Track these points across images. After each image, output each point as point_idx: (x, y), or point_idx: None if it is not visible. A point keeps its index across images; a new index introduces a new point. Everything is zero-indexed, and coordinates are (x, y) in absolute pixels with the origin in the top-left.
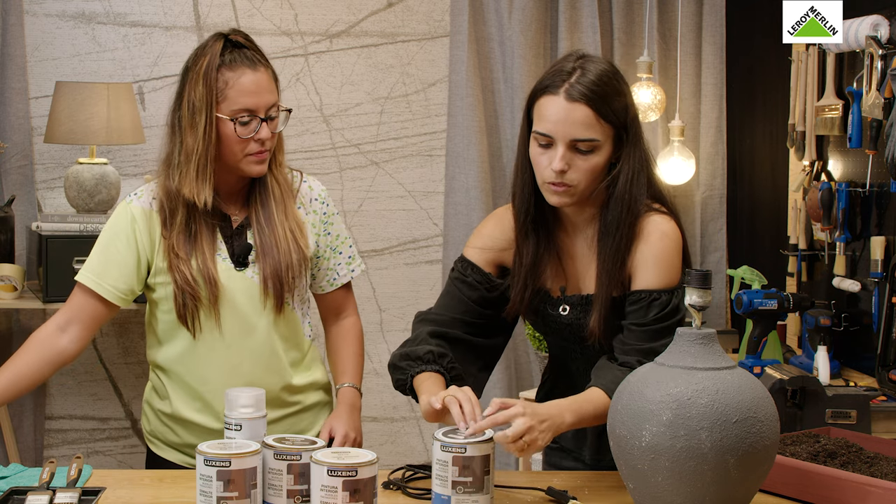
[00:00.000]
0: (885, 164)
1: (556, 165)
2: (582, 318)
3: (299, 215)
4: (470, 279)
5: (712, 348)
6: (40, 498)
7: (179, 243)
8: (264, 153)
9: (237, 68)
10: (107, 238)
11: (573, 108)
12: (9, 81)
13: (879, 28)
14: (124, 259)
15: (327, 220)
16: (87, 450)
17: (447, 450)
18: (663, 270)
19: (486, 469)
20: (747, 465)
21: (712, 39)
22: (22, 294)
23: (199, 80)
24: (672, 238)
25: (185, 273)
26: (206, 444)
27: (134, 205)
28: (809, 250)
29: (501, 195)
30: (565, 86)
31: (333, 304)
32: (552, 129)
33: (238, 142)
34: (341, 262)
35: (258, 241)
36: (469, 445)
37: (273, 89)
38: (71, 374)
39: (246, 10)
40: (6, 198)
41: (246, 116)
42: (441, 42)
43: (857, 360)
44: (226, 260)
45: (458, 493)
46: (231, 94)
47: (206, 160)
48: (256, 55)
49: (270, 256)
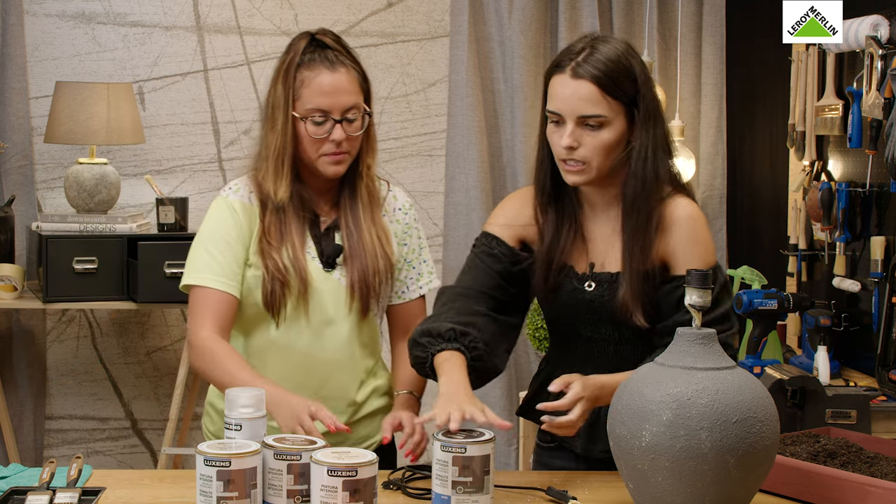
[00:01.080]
0: (885, 164)
1: (565, 141)
2: (607, 295)
3: (384, 222)
4: (496, 251)
5: (712, 348)
6: (40, 498)
7: (272, 232)
8: (340, 154)
9: (315, 68)
10: (211, 235)
11: (579, 86)
12: (9, 81)
13: (879, 28)
14: (234, 253)
15: (408, 230)
16: (87, 450)
17: (447, 450)
18: (703, 251)
19: (486, 469)
20: (747, 465)
21: (712, 39)
22: (22, 294)
23: (279, 78)
24: (701, 219)
25: (277, 260)
26: (205, 444)
27: (231, 198)
28: (809, 250)
29: (501, 195)
30: (572, 64)
31: (402, 318)
32: (560, 107)
33: (312, 141)
34: (413, 276)
35: (346, 244)
36: (469, 445)
37: (353, 91)
38: (71, 374)
39: (246, 10)
40: (6, 198)
41: (319, 116)
42: (441, 42)
43: (857, 360)
44: (314, 259)
45: (458, 493)
46: (305, 94)
47: (283, 157)
48: (340, 56)
49: (359, 260)
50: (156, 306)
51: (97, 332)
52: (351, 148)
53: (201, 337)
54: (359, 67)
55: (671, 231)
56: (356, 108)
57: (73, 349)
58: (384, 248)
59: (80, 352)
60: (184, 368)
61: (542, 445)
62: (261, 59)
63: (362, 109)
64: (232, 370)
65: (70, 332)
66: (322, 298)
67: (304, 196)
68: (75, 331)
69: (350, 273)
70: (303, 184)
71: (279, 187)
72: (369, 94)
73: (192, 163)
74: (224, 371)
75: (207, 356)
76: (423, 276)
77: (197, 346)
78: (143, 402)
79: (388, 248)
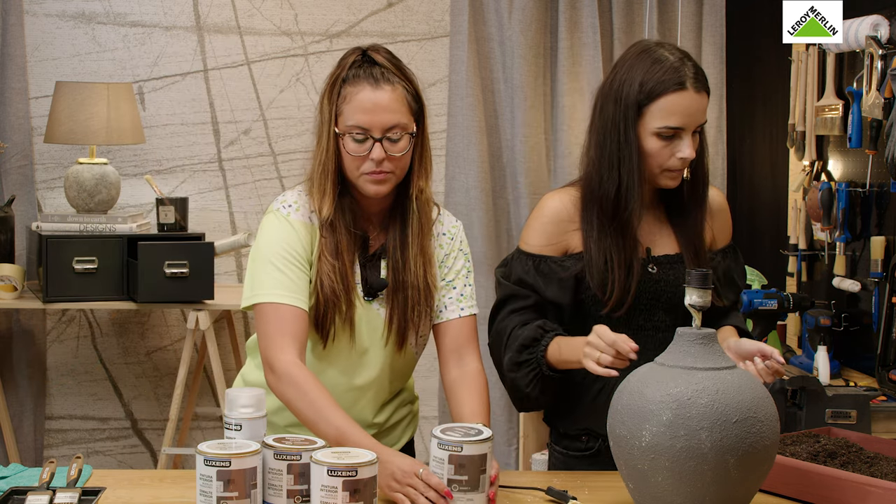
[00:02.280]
0: (885, 164)
1: (690, 153)
2: (672, 275)
3: (433, 251)
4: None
5: (712, 348)
6: (40, 498)
7: (329, 250)
8: (381, 174)
9: (358, 84)
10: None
11: (701, 99)
12: (9, 81)
13: (879, 28)
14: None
15: (451, 253)
16: (87, 450)
17: (444, 447)
18: (730, 234)
19: (482, 468)
20: (747, 465)
21: (712, 39)
22: (22, 294)
23: (326, 92)
24: (725, 200)
25: (331, 279)
26: (205, 444)
27: (293, 217)
28: (809, 250)
29: (501, 195)
30: (691, 80)
31: (447, 339)
32: (685, 122)
33: (352, 159)
34: (453, 296)
35: (391, 277)
36: (465, 444)
37: (397, 109)
38: (71, 374)
39: (246, 10)
40: (6, 198)
41: (359, 134)
42: (441, 42)
43: (857, 360)
44: (358, 285)
45: (453, 491)
46: (346, 110)
47: (326, 173)
48: (388, 73)
49: (401, 294)
50: (156, 306)
51: (97, 332)
52: (395, 168)
53: (284, 362)
54: (409, 86)
55: (716, 216)
56: (399, 128)
57: (73, 349)
58: (427, 281)
59: (80, 352)
60: (184, 368)
61: (575, 455)
62: (261, 59)
63: (408, 130)
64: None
65: (70, 332)
66: (360, 327)
67: (356, 213)
68: (75, 331)
69: (389, 306)
70: (355, 201)
71: (324, 204)
72: (422, 114)
73: (192, 163)
74: (322, 415)
75: (293, 388)
76: (465, 299)
77: (282, 372)
78: (143, 402)
79: (431, 280)
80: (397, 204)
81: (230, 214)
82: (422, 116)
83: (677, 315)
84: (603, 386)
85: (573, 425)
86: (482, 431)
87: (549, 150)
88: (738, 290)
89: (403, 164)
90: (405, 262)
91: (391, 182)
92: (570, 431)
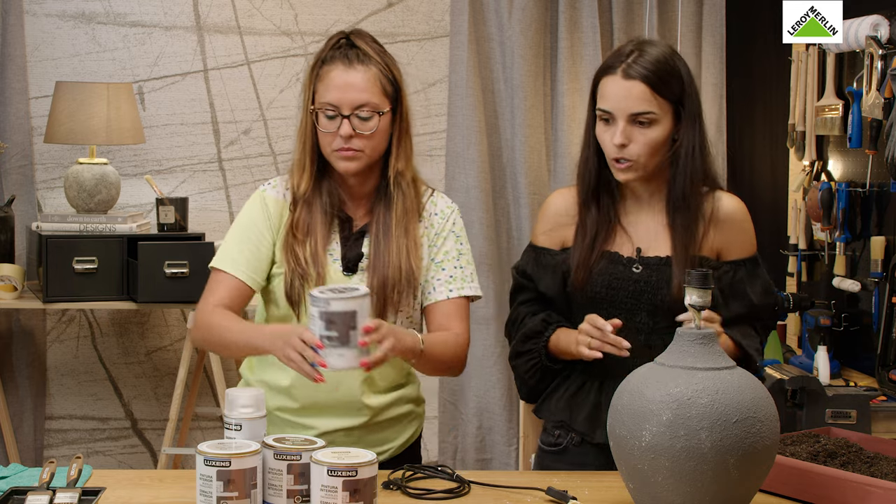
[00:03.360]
0: (885, 164)
1: (617, 139)
2: (654, 277)
3: (418, 233)
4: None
5: (712, 348)
6: (40, 498)
7: (298, 226)
8: (350, 151)
9: (334, 64)
10: (242, 227)
11: (631, 85)
12: (9, 81)
13: (879, 28)
14: (257, 245)
15: (442, 233)
16: (87, 450)
17: (315, 304)
18: (749, 241)
19: (351, 324)
20: (747, 465)
21: (712, 39)
22: (22, 294)
23: (308, 72)
24: (747, 211)
25: (299, 255)
26: (205, 444)
27: (268, 193)
28: (809, 250)
29: (501, 195)
30: (623, 65)
31: (435, 319)
32: (612, 106)
33: (324, 135)
34: (442, 278)
35: (372, 251)
36: (333, 300)
37: (367, 89)
38: (71, 374)
39: (246, 10)
40: (6, 198)
41: (329, 110)
42: (441, 42)
43: (857, 360)
44: (336, 261)
45: (325, 345)
46: (320, 88)
47: (304, 150)
48: (364, 55)
49: (379, 270)
50: (156, 306)
51: (97, 332)
52: (365, 147)
53: (204, 311)
54: (386, 70)
55: (723, 224)
56: (369, 107)
57: (73, 349)
58: (410, 261)
59: (80, 352)
60: (184, 368)
61: (545, 449)
62: (261, 59)
63: (379, 110)
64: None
65: (70, 332)
66: None
67: (334, 193)
68: (75, 331)
69: (370, 281)
70: (335, 183)
71: (302, 180)
72: (398, 97)
73: (192, 163)
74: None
75: (205, 325)
76: (455, 280)
77: (198, 318)
78: (143, 402)
79: (414, 261)
80: (382, 186)
81: (230, 214)
82: (399, 100)
83: (659, 319)
84: (583, 383)
85: (550, 417)
86: (358, 289)
87: (549, 150)
88: (749, 305)
89: (374, 144)
90: (387, 239)
91: (361, 160)
92: (548, 422)
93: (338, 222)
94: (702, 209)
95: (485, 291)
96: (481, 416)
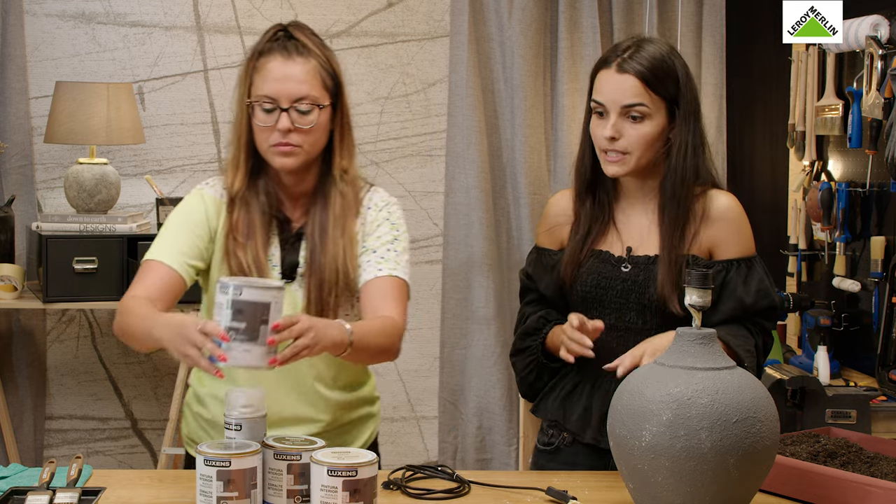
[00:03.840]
0: (885, 164)
1: (607, 132)
2: (642, 276)
3: (355, 232)
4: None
5: (712, 348)
6: (40, 498)
7: (238, 228)
8: (288, 146)
9: (271, 55)
10: (177, 219)
11: (624, 79)
12: (9, 81)
13: (879, 28)
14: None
15: (376, 221)
16: (87, 450)
17: (224, 291)
18: (745, 241)
19: (262, 318)
20: (747, 465)
21: (712, 39)
22: (22, 294)
23: (244, 66)
24: (742, 211)
25: (241, 259)
26: (205, 444)
27: (206, 191)
28: (809, 250)
29: (501, 195)
30: (618, 60)
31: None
32: (605, 98)
33: (261, 130)
34: (371, 259)
35: (308, 255)
36: (246, 288)
37: (307, 81)
38: (71, 374)
39: (246, 10)
40: (6, 198)
41: (267, 103)
42: (441, 42)
43: (857, 360)
44: (276, 267)
45: (231, 338)
46: (257, 80)
47: (239, 146)
48: (303, 47)
49: (317, 276)
50: None
51: (97, 332)
52: (303, 142)
53: (123, 300)
54: (326, 63)
55: (716, 223)
56: (308, 100)
57: (73, 349)
58: (347, 263)
59: (80, 352)
60: (184, 368)
61: (540, 448)
62: None
63: (319, 104)
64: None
65: (70, 332)
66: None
67: (271, 193)
68: (75, 331)
69: (307, 288)
70: (271, 181)
71: (236, 178)
72: (338, 92)
73: (192, 163)
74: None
75: (119, 313)
76: (387, 262)
77: (119, 306)
78: (143, 402)
79: (350, 262)
80: (320, 185)
81: None
82: (339, 95)
83: (647, 318)
84: (577, 383)
85: (546, 416)
86: (273, 283)
87: (549, 150)
88: (740, 305)
89: (314, 140)
90: (324, 243)
91: (299, 156)
92: (544, 421)
93: (276, 224)
94: (693, 209)
95: (485, 291)
96: (481, 416)
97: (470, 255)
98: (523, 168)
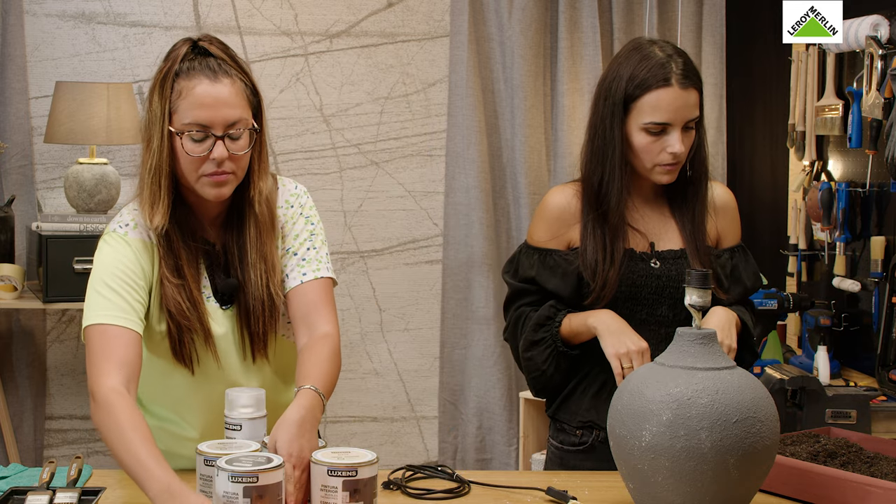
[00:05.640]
0: (885, 164)
1: (679, 148)
2: (673, 270)
3: (276, 257)
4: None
5: (712, 348)
6: (40, 498)
7: (169, 269)
8: (223, 175)
9: (194, 77)
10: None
11: (688, 95)
12: (9, 81)
13: (879, 28)
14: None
15: (290, 220)
16: (87, 450)
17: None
18: (738, 230)
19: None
20: (747, 465)
21: (712, 39)
22: (22, 294)
23: (156, 89)
24: (735, 200)
25: (181, 304)
26: (205, 444)
27: (130, 236)
28: (809, 250)
29: (501, 195)
30: (677, 76)
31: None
32: (672, 117)
33: (191, 161)
34: (293, 263)
35: None
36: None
37: (238, 104)
38: (71, 375)
39: (246, 10)
40: (6, 198)
41: (198, 132)
42: (441, 42)
43: (857, 360)
44: (210, 298)
45: None
46: (182, 106)
47: (158, 178)
48: (224, 65)
49: (244, 305)
50: None
51: None
52: (236, 168)
53: (106, 388)
54: (247, 79)
55: (720, 213)
56: (241, 124)
57: (73, 349)
58: (270, 290)
59: (80, 352)
60: None
61: (570, 449)
62: (261, 59)
63: (249, 125)
64: (134, 448)
65: (70, 332)
66: (221, 342)
67: (192, 223)
68: (75, 331)
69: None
70: (189, 209)
71: (156, 214)
72: (259, 108)
73: None
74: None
75: (109, 417)
76: (308, 263)
77: (101, 400)
78: None
79: (274, 289)
80: (234, 207)
81: None
82: (260, 111)
83: (679, 311)
84: (606, 379)
85: (574, 418)
86: (272, 459)
87: (549, 150)
88: (745, 289)
89: (244, 164)
90: (245, 269)
91: (232, 184)
92: (571, 423)
93: (202, 253)
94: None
95: (485, 291)
96: (481, 416)
97: (470, 255)
98: (523, 168)
